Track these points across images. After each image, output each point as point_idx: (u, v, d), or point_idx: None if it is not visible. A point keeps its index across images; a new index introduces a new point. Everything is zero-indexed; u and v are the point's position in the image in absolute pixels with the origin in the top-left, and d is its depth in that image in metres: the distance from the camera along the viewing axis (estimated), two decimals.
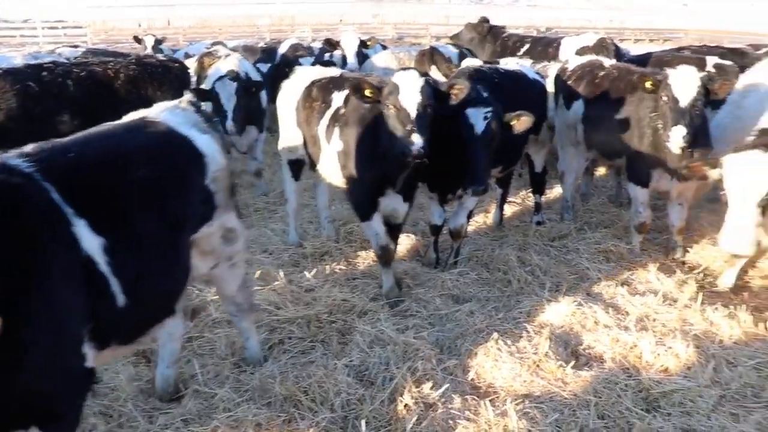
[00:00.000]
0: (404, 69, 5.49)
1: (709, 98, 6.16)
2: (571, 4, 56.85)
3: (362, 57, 13.25)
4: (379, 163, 5.49)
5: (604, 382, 4.58)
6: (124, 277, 3.07)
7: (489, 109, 5.72)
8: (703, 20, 45.11)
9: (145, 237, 3.31)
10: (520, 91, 7.14)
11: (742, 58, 9.25)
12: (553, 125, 8.11)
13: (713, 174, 5.22)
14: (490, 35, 12.03)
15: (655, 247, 7.29)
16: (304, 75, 6.93)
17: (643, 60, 9.84)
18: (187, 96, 4.24)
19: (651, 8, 52.76)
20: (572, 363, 4.87)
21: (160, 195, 3.45)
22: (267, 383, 4.57)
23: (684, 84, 6.04)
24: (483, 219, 8.31)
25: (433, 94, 5.27)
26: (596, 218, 8.29)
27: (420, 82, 5.16)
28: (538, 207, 8.22)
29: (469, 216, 6.88)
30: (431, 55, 12.45)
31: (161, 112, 3.95)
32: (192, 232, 3.78)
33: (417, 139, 4.92)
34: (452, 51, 12.44)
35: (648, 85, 6.29)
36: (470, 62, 8.62)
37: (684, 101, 5.99)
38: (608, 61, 8.01)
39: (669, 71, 6.22)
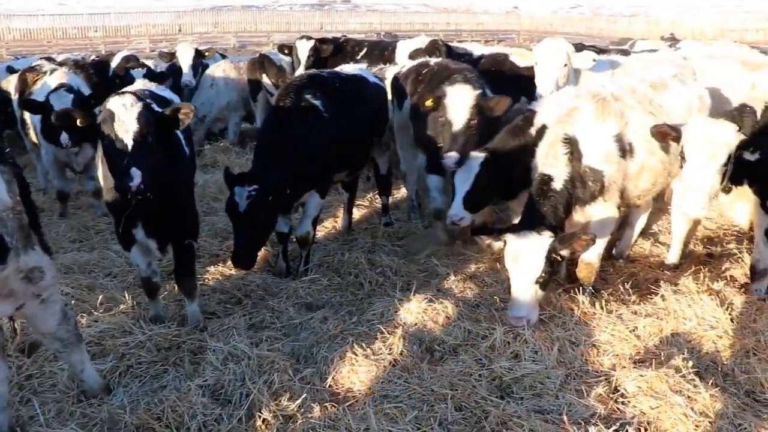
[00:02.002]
0: (122, 93, 4.97)
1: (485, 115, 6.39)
2: (409, 9, 58.53)
3: (202, 68, 12.94)
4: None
5: (459, 375, 4.69)
6: None
7: (254, 187, 5.61)
8: (533, 22, 48.01)
9: None
10: (362, 95, 7.20)
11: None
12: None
13: (496, 246, 5.51)
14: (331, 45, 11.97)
15: None
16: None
17: (477, 60, 10.28)
18: None
19: (485, 10, 55.41)
20: (427, 359, 4.96)
21: None
22: (116, 414, 4.32)
23: (458, 104, 6.26)
24: (332, 224, 8.33)
25: (155, 120, 4.82)
26: None
27: (136, 108, 4.68)
28: (385, 208, 8.34)
29: (316, 222, 6.88)
30: (261, 64, 12.33)
31: None
32: None
33: (135, 174, 4.44)
34: (285, 59, 12.37)
35: (428, 103, 6.43)
36: None
37: (458, 123, 6.25)
38: (434, 60, 8.22)
39: (446, 89, 6.37)
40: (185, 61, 12.15)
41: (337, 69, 7.94)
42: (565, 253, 5.29)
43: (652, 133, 5.56)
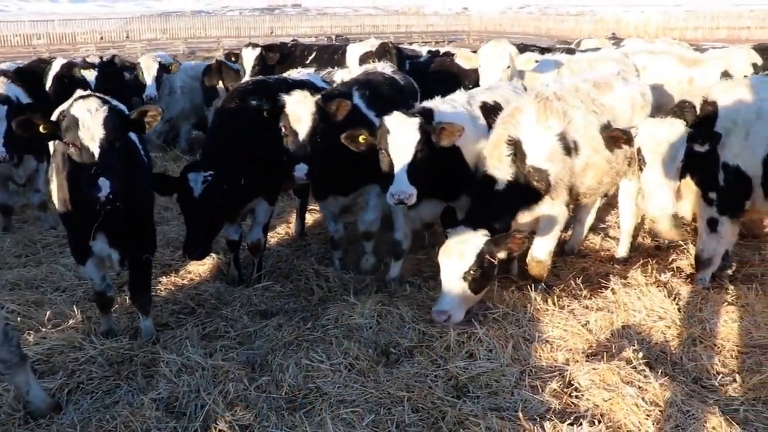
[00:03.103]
0: (85, 97, 4.70)
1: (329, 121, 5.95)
2: (360, 12, 58.59)
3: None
4: (78, 203, 4.83)
5: (415, 377, 4.71)
6: None
7: (210, 172, 5.49)
8: (482, 23, 48.58)
9: None
10: None
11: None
12: None
13: None
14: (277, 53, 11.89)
15: None
16: None
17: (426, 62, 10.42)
18: None
19: (435, 12, 55.83)
20: (383, 362, 4.97)
21: None
22: None
23: (299, 113, 5.90)
24: (285, 229, 8.30)
25: (122, 124, 4.68)
26: None
27: (102, 113, 4.48)
28: None
29: (266, 228, 6.84)
30: (219, 70, 12.25)
31: None
32: None
33: (103, 184, 4.28)
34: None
35: (266, 114, 6.03)
36: None
37: (303, 132, 5.87)
38: (371, 66, 8.28)
39: (285, 98, 5.98)
40: (149, 74, 11.88)
41: (285, 75, 7.90)
42: (501, 254, 5.32)
43: (604, 140, 5.63)
